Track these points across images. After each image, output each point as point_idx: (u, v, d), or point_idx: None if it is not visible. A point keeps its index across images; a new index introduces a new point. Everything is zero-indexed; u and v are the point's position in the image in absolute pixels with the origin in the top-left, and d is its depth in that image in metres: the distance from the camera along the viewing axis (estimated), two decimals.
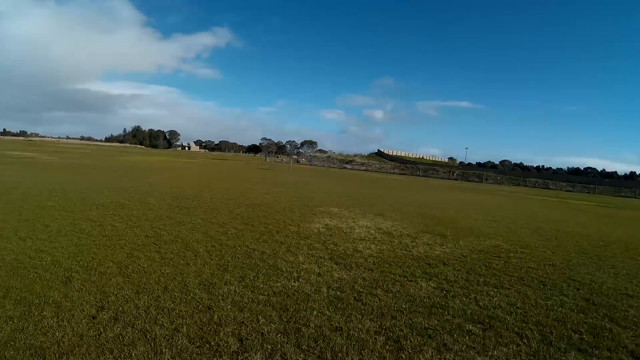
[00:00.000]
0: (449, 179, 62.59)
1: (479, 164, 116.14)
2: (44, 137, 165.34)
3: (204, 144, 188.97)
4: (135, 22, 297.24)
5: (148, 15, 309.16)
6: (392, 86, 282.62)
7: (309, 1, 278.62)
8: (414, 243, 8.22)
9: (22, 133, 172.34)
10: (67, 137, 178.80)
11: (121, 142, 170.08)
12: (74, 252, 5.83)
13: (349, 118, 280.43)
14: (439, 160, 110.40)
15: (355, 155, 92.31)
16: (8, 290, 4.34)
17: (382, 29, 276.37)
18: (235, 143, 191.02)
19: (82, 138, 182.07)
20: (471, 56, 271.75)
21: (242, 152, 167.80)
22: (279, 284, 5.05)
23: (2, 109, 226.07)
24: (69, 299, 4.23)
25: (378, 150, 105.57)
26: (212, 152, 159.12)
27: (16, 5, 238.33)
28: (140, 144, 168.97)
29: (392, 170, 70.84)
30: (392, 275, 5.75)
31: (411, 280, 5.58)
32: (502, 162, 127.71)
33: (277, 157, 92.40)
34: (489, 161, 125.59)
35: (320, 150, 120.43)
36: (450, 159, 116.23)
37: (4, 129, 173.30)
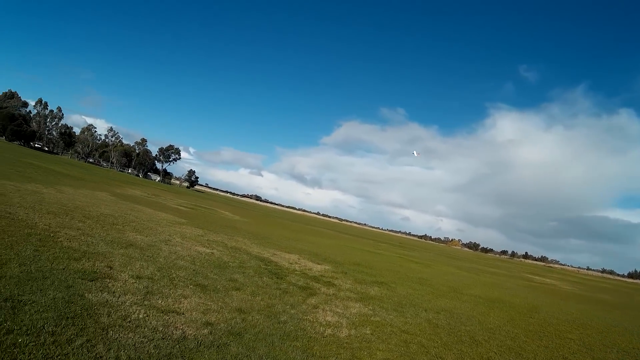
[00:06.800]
0: None
1: None
2: (563, 265, 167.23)
3: None
4: None
5: None
6: None
7: None
8: None
9: (543, 259, 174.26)
10: (587, 268, 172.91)
11: None
12: None
13: None
14: None
15: None
16: None
17: None
18: None
19: (603, 270, 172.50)
20: None
21: None
22: None
23: (522, 232, 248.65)
24: None
25: None
26: None
27: (527, 133, 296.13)
28: None
29: None
30: None
31: None
32: None
33: None
34: None
35: None
36: None
37: (526, 252, 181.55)
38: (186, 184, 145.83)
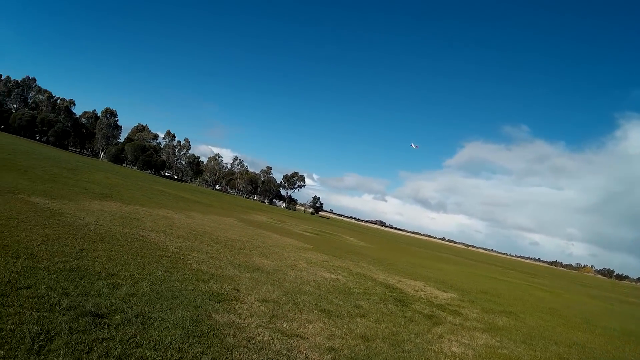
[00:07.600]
0: None
1: None
2: None
3: None
4: None
5: None
6: None
7: None
8: None
9: None
10: None
11: None
12: None
13: None
14: None
15: None
16: None
17: None
18: None
19: None
20: None
21: None
22: None
23: None
24: None
25: None
26: None
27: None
28: None
29: None
30: None
31: None
32: None
33: None
34: None
35: None
36: None
37: None
38: (311, 210, 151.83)
